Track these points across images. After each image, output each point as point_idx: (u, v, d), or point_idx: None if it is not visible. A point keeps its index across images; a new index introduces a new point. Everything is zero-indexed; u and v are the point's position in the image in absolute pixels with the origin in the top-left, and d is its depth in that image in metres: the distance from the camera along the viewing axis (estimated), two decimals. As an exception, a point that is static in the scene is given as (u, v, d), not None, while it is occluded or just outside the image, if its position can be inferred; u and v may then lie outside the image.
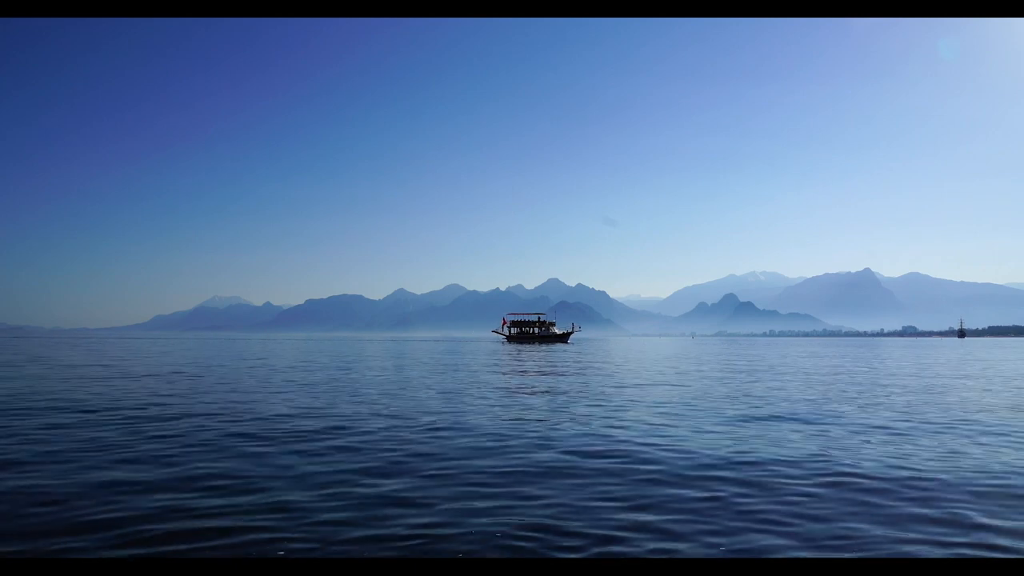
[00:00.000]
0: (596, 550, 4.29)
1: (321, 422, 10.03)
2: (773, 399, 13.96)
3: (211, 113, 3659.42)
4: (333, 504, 5.35)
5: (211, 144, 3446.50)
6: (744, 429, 9.59)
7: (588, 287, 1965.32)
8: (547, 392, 15.40)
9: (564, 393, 15.13)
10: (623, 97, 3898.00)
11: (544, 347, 59.17)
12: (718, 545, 4.41)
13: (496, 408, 12.09)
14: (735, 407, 12.35)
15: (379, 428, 9.44)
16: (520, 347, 58.27)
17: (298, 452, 7.57)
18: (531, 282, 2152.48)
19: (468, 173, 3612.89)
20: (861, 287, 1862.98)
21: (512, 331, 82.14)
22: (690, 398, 14.00)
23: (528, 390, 15.93)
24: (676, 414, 11.17)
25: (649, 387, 16.82)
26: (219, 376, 20.21)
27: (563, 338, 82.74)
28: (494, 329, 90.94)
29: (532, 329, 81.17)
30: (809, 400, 13.80)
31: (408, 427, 9.57)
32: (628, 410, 11.82)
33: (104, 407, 11.77)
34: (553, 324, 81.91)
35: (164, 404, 12.40)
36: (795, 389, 16.42)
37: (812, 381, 19.32)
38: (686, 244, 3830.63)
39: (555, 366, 27.54)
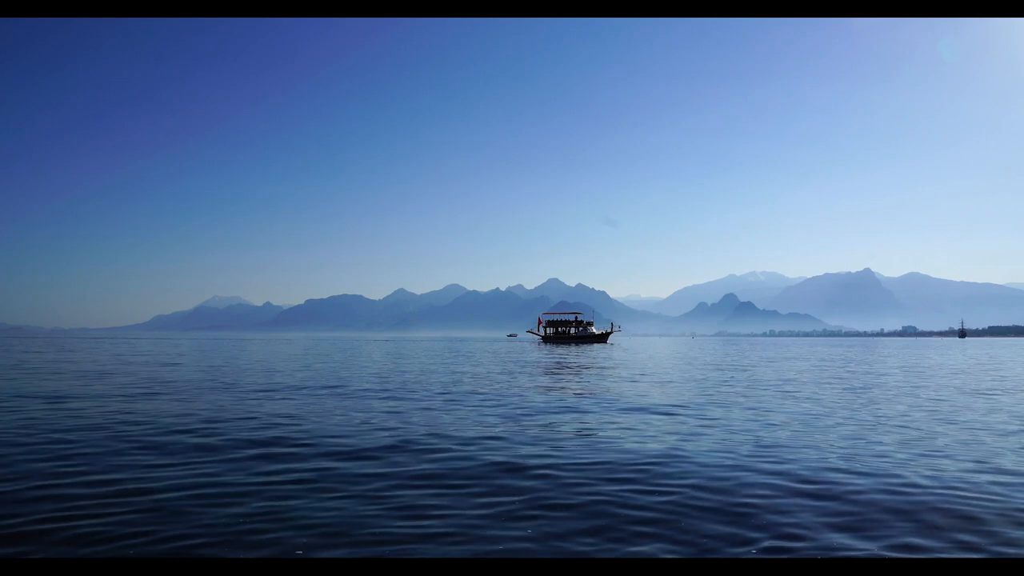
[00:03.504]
0: None
1: None
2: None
3: (211, 113, 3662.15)
4: None
5: (211, 144, 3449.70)
6: None
7: (588, 287, 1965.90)
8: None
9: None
10: (623, 97, 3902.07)
11: (586, 347, 55.90)
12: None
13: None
14: None
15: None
16: (562, 348, 54.43)
17: None
18: (531, 282, 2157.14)
19: (468, 173, 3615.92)
20: (861, 287, 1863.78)
21: (548, 331, 79.40)
22: None
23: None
24: None
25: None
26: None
27: (602, 338, 78.73)
28: (529, 329, 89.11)
29: (569, 329, 78.41)
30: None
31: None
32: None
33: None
34: (591, 324, 78.76)
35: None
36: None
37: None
38: (686, 244, 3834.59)
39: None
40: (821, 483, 6.02)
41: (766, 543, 4.44)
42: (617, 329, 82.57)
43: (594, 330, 78.55)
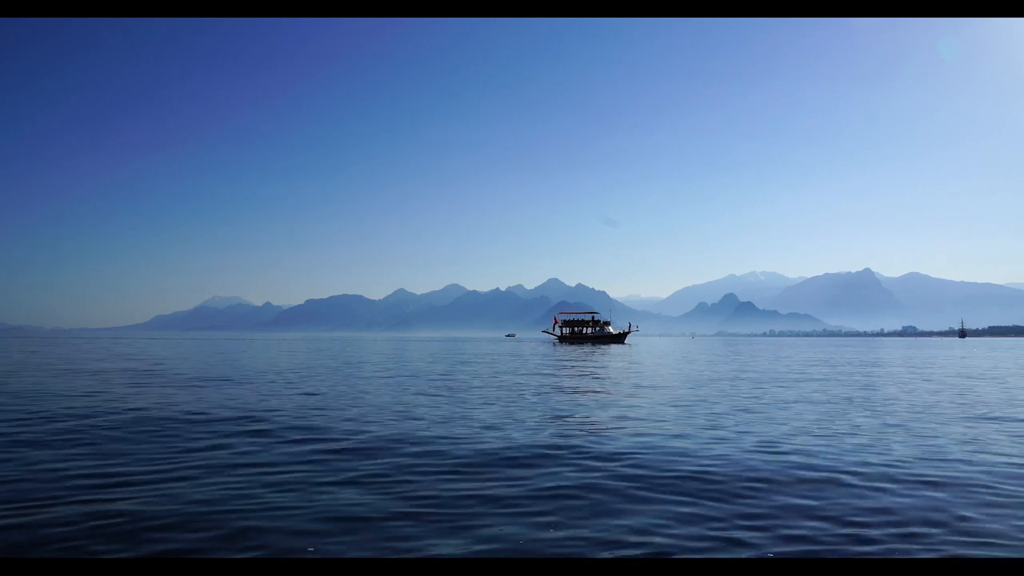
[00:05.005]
0: None
1: None
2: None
3: (211, 113, 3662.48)
4: None
5: (211, 144, 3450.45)
6: None
7: (588, 287, 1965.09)
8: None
9: None
10: (623, 97, 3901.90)
11: (603, 348, 53.91)
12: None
13: None
14: None
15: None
16: (578, 348, 52.59)
17: None
18: (531, 282, 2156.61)
19: (468, 173, 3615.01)
20: (861, 287, 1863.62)
21: (564, 331, 78.19)
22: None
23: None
24: None
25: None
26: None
27: (619, 338, 76.58)
28: (544, 329, 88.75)
29: (585, 329, 76.74)
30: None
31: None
32: None
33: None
34: (608, 323, 77.33)
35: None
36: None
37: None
38: (686, 244, 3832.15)
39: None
40: None
41: None
42: (635, 329, 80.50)
43: (611, 330, 76.55)
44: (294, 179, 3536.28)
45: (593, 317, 78.03)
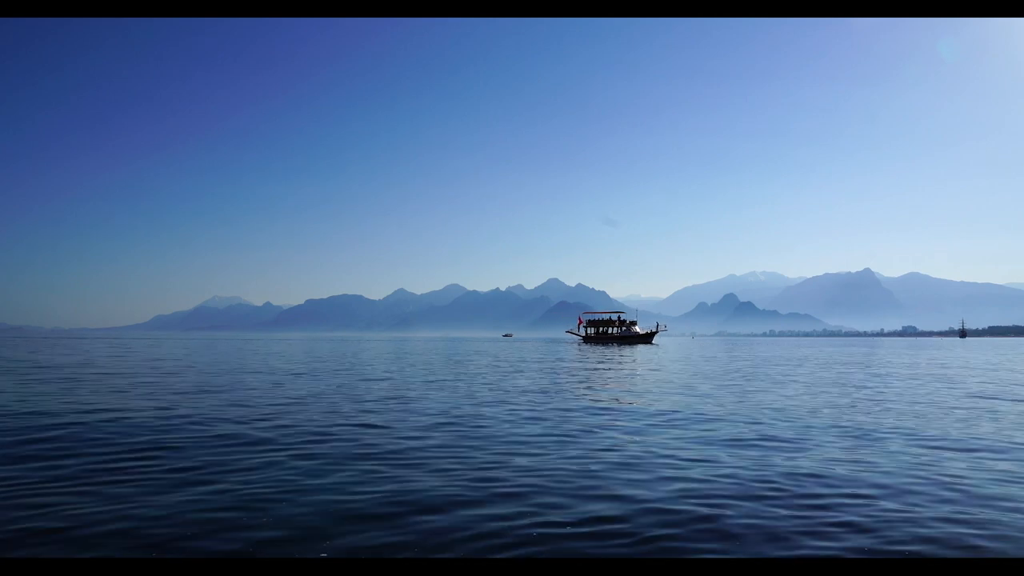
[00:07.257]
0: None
1: None
2: None
3: (211, 113, 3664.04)
4: None
5: (211, 144, 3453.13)
6: None
7: (588, 287, 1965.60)
8: None
9: None
10: (623, 97, 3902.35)
11: (630, 349, 52.34)
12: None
13: None
14: None
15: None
16: (604, 349, 51.59)
17: None
18: (531, 282, 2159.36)
19: (468, 173, 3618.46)
20: (861, 287, 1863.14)
21: (589, 331, 77.34)
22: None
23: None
24: None
25: None
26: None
27: (646, 338, 74.98)
28: (569, 329, 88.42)
29: (611, 329, 75.69)
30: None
31: None
32: None
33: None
34: (635, 323, 75.82)
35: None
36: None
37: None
38: (686, 244, 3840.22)
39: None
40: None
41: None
42: (663, 329, 78.29)
43: (638, 330, 75.40)
44: (294, 179, 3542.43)
45: (620, 317, 76.78)
